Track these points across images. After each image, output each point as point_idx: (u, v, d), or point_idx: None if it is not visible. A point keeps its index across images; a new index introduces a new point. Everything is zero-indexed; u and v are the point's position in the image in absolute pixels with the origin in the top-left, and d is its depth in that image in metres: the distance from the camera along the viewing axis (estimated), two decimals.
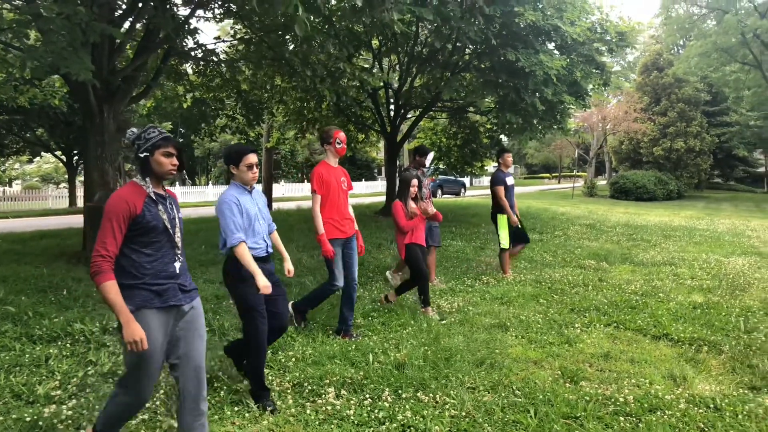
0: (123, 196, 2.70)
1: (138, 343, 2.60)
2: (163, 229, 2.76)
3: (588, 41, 12.22)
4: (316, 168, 5.17)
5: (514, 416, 3.59)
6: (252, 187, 3.84)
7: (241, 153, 3.70)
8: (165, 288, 2.76)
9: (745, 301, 6.94)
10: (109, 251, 2.63)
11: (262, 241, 3.79)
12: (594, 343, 5.23)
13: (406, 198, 6.04)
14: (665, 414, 3.65)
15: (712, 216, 19.79)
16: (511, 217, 7.85)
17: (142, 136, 2.80)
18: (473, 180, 51.54)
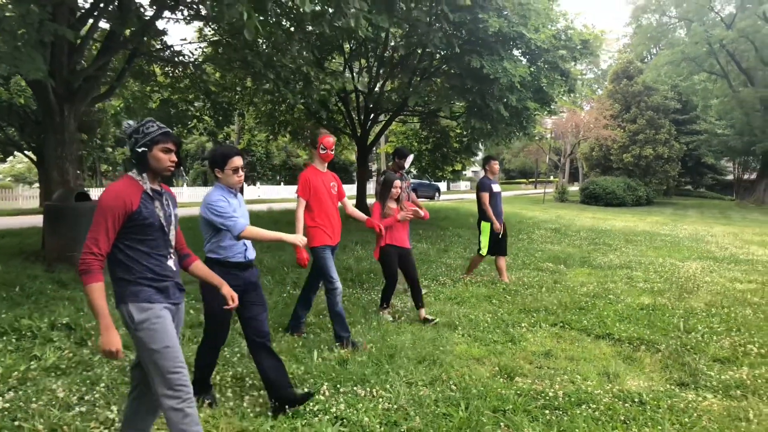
0: (119, 191, 2.59)
1: (113, 354, 2.51)
2: (158, 226, 2.67)
3: (552, 48, 12.47)
4: (304, 173, 5.09)
5: (445, 409, 3.71)
6: (237, 191, 3.68)
7: (226, 156, 3.54)
8: (165, 286, 2.70)
9: (691, 303, 7.17)
10: (101, 249, 2.52)
11: (242, 245, 3.64)
12: (537, 342, 5.39)
13: (386, 199, 5.95)
14: (590, 407, 3.80)
15: (676, 222, 20.23)
16: (494, 224, 7.82)
17: (141, 130, 2.68)
18: (450, 185, 51.93)
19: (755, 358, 5.06)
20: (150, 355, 2.62)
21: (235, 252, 3.60)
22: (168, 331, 2.65)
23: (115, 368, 4.17)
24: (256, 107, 15.41)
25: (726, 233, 16.27)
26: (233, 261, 3.59)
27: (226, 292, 3.09)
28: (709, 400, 4.10)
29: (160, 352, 2.61)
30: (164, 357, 2.61)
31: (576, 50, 13.00)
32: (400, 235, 5.97)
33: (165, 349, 2.61)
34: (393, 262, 5.92)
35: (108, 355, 2.52)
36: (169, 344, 2.63)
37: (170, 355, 2.63)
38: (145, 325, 2.60)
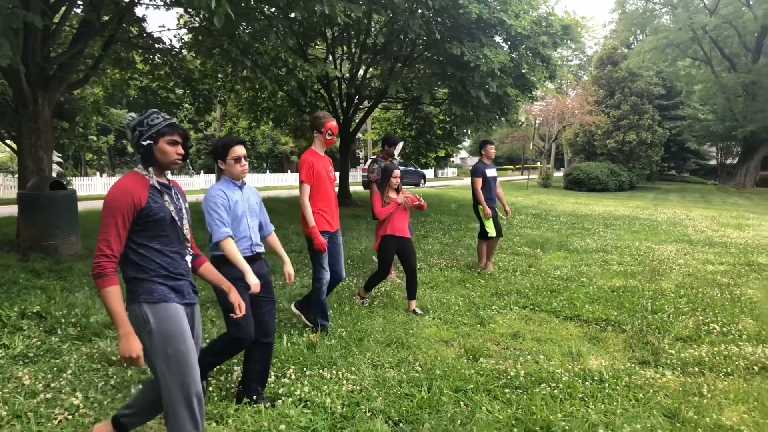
0: (126, 188, 2.46)
1: (135, 361, 2.37)
2: (170, 221, 2.54)
3: (533, 34, 12.50)
4: (306, 156, 4.88)
5: (408, 390, 3.79)
6: (243, 182, 3.58)
7: (227, 146, 3.45)
8: (181, 284, 2.58)
9: (661, 284, 7.30)
10: (113, 250, 2.39)
11: (246, 241, 3.53)
12: (506, 324, 5.48)
13: (386, 189, 5.89)
14: (550, 386, 3.90)
15: (657, 206, 20.44)
16: (485, 208, 7.74)
17: (145, 122, 2.56)
18: (437, 171, 51.98)
19: (717, 337, 5.19)
20: (164, 358, 2.47)
21: (243, 248, 3.49)
22: (184, 332, 2.52)
23: (83, 356, 4.21)
24: (237, 94, 15.35)
25: (704, 217, 16.48)
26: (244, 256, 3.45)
27: (234, 299, 2.90)
28: (668, 377, 4.21)
29: (174, 356, 2.47)
30: (180, 361, 2.48)
31: (557, 36, 13.03)
32: (401, 225, 5.89)
33: (179, 353, 2.48)
34: (390, 255, 5.84)
35: (129, 362, 2.37)
36: (183, 347, 2.49)
37: (185, 359, 2.49)
38: (162, 326, 2.47)
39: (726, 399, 3.83)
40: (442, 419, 3.40)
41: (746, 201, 26.04)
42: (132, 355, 2.36)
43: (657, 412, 3.58)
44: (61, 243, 7.74)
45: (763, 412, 3.63)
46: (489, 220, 7.80)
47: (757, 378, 4.22)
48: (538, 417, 3.41)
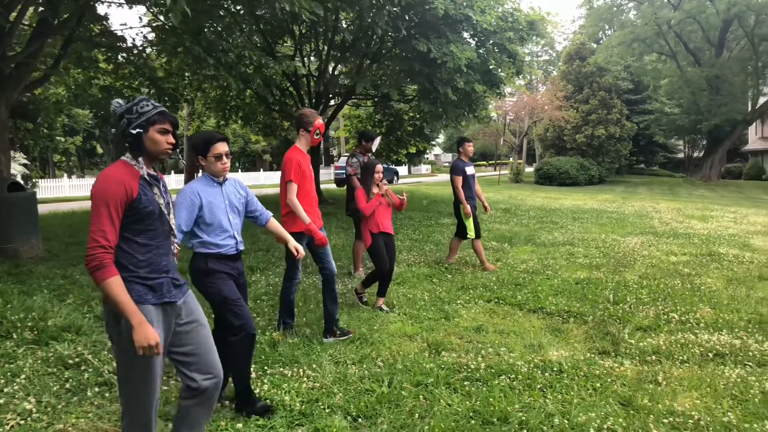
0: (118, 177, 2.34)
1: (152, 348, 2.28)
2: (159, 214, 2.45)
3: (500, 30, 12.59)
4: (292, 155, 4.70)
5: (369, 385, 3.80)
6: (224, 179, 3.45)
7: (208, 142, 3.32)
8: (159, 282, 2.45)
9: (625, 276, 7.42)
10: (109, 241, 2.28)
11: (230, 239, 3.43)
12: (470, 318, 5.53)
13: (369, 185, 5.80)
14: (509, 378, 3.94)
15: (626, 199, 20.76)
16: (465, 207, 7.64)
17: (134, 110, 2.44)
18: (411, 168, 52.08)
19: (675, 326, 5.29)
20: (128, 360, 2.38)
21: (227, 246, 3.43)
22: None
23: (38, 360, 4.13)
24: (204, 93, 15.20)
25: (670, 209, 16.78)
26: (226, 254, 3.42)
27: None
28: (626, 366, 4.28)
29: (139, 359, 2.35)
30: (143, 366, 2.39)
31: (523, 32, 13.15)
32: (386, 221, 5.86)
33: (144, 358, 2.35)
34: (382, 249, 5.76)
35: (148, 351, 2.27)
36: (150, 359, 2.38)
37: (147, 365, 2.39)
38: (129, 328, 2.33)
39: (680, 386, 3.91)
40: (401, 413, 3.42)
41: (711, 193, 26.59)
42: (150, 343, 2.27)
43: (613, 400, 3.64)
44: (20, 246, 7.58)
45: (714, 397, 3.72)
46: (469, 220, 7.71)
47: (711, 364, 4.31)
48: (496, 408, 3.44)
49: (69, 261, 7.57)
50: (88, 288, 6.14)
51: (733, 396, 3.74)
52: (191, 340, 2.59)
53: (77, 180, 28.93)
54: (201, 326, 2.66)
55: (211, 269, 3.38)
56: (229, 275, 3.43)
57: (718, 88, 30.97)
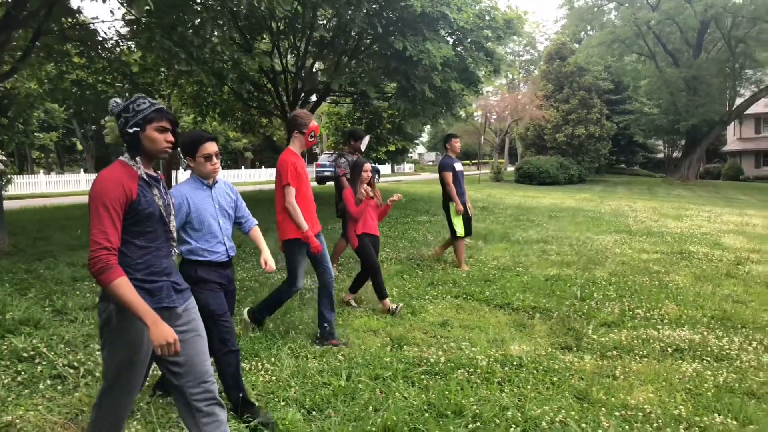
0: (117, 178, 2.27)
1: (171, 346, 2.20)
2: (159, 216, 2.38)
3: (476, 28, 12.62)
4: (288, 158, 4.52)
5: (327, 379, 3.78)
6: (214, 182, 3.33)
7: (196, 142, 3.18)
8: (158, 286, 2.38)
9: (595, 273, 7.47)
10: (112, 242, 2.19)
11: (220, 246, 3.31)
12: (437, 313, 5.54)
13: (357, 185, 5.66)
14: (468, 371, 3.94)
15: (604, 198, 20.92)
16: (457, 204, 7.52)
17: (131, 108, 2.36)
18: (394, 167, 52.13)
19: (639, 321, 5.34)
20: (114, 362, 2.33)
21: (218, 252, 3.32)
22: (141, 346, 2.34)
23: None
24: (181, 89, 15.05)
25: (647, 208, 16.95)
26: (217, 261, 3.32)
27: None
28: (586, 360, 4.31)
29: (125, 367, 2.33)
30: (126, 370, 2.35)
31: (500, 30, 13.18)
32: (373, 223, 5.76)
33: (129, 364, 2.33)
34: (370, 250, 5.63)
35: (166, 349, 2.19)
36: (133, 360, 2.34)
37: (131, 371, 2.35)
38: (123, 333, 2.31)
39: (637, 380, 3.94)
40: (356, 406, 3.40)
41: (689, 193, 26.90)
42: (169, 341, 2.19)
43: (569, 394, 3.67)
44: None
45: (669, 390, 3.76)
46: (459, 218, 7.58)
47: (669, 359, 4.36)
48: (452, 401, 3.45)
49: (35, 255, 7.47)
50: (51, 282, 6.07)
51: (687, 390, 3.78)
52: (185, 351, 2.45)
53: (55, 176, 28.53)
54: (198, 337, 2.54)
55: (200, 277, 3.26)
56: (219, 284, 3.32)
57: (696, 89, 31.35)
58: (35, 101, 13.81)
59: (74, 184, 27.00)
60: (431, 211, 14.06)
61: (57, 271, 6.57)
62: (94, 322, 4.77)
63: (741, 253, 9.07)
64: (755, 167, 43.43)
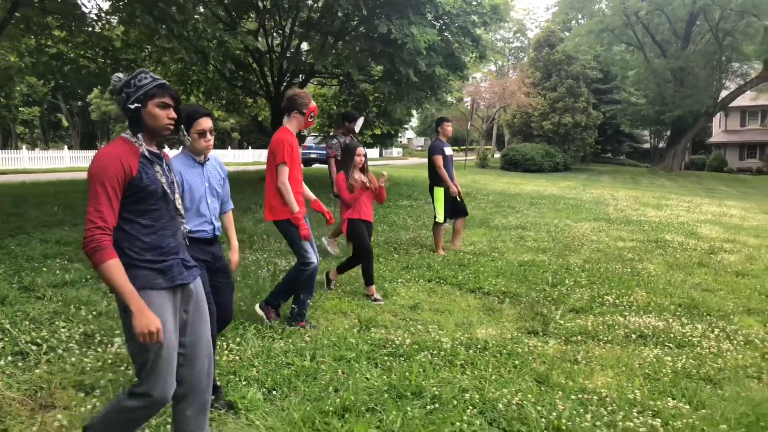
0: (116, 154, 2.22)
1: (153, 335, 2.16)
2: (162, 193, 2.33)
3: (462, 13, 12.57)
4: (283, 136, 4.41)
5: (291, 359, 3.80)
6: (205, 158, 3.27)
7: (191, 116, 3.10)
8: (169, 265, 2.34)
9: (569, 259, 7.54)
10: (107, 222, 2.15)
11: (208, 224, 3.27)
12: (409, 296, 5.57)
13: (350, 169, 5.53)
14: (431, 353, 3.98)
15: (587, 187, 21.04)
16: (450, 187, 7.47)
17: (132, 83, 2.31)
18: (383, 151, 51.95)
19: (608, 308, 5.40)
20: (143, 350, 2.27)
21: (204, 231, 3.26)
22: (167, 325, 2.29)
23: None
24: (164, 66, 14.89)
25: (628, 197, 17.07)
26: (201, 238, 3.23)
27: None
28: (550, 345, 4.37)
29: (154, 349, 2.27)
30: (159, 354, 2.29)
31: (486, 16, 13.14)
32: (368, 209, 5.62)
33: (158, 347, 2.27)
34: (365, 236, 5.52)
35: (149, 337, 2.15)
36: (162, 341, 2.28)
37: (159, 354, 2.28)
38: None
39: (599, 365, 4.00)
40: (317, 386, 3.43)
41: (672, 183, 27.14)
42: (152, 329, 2.15)
43: (529, 377, 3.71)
44: None
45: (628, 375, 3.82)
46: (440, 203, 7.54)
47: (632, 345, 4.42)
48: (412, 383, 3.48)
49: (8, 231, 7.39)
50: (22, 259, 6.02)
51: (646, 375, 3.84)
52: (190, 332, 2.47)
53: (39, 152, 28.14)
54: (205, 322, 2.55)
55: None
56: (203, 261, 3.21)
57: (683, 80, 31.50)
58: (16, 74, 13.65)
59: (57, 160, 26.65)
60: (413, 196, 14.08)
61: (29, 248, 6.52)
62: (62, 299, 4.76)
63: (715, 243, 9.18)
64: (739, 159, 43.84)
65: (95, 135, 48.17)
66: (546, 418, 3.10)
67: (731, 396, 3.53)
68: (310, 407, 3.14)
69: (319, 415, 3.06)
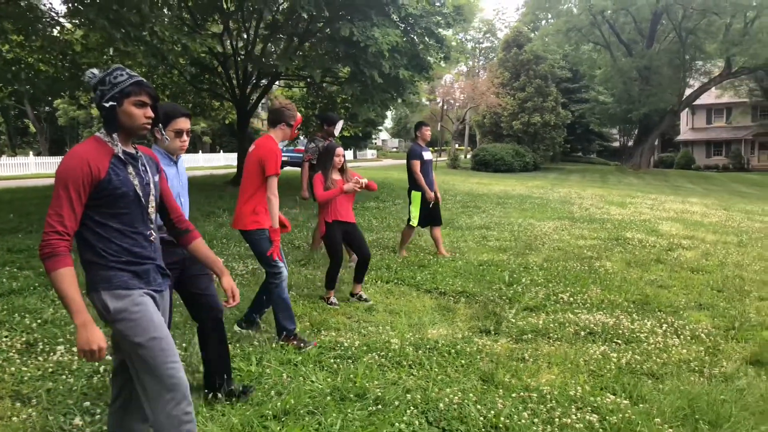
0: (82, 155, 2.13)
1: (95, 353, 2.06)
2: (133, 197, 2.23)
3: (427, 14, 12.63)
4: (272, 146, 4.27)
5: (237, 364, 3.77)
6: (177, 158, 3.23)
7: (169, 115, 3.07)
8: (145, 269, 2.28)
9: (529, 258, 7.61)
10: (66, 227, 2.07)
11: None
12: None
13: (329, 170, 5.39)
14: (379, 354, 3.99)
15: (555, 186, 21.28)
16: (427, 193, 7.39)
17: (107, 80, 2.19)
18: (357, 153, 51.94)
19: (562, 306, 5.46)
20: (135, 350, 2.20)
21: None
22: (153, 319, 2.23)
23: None
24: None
25: (594, 195, 17.30)
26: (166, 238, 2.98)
27: (227, 285, 2.57)
28: (500, 343, 4.40)
29: (146, 346, 2.19)
30: (153, 350, 2.21)
31: (449, 16, 13.22)
32: (345, 210, 5.43)
33: (152, 342, 2.20)
34: (338, 241, 5.41)
35: (88, 355, 2.07)
36: (156, 335, 2.21)
37: (160, 348, 2.22)
38: (124, 315, 2.19)
39: (546, 362, 4.04)
40: (260, 390, 3.41)
41: (639, 181, 27.59)
42: (92, 347, 2.05)
43: (474, 376, 3.74)
44: None
45: (573, 372, 3.87)
46: (416, 207, 7.48)
47: (580, 342, 4.48)
48: (357, 384, 3.48)
49: None
50: None
51: (590, 371, 3.89)
52: None
53: (10, 159, 27.50)
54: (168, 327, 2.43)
55: None
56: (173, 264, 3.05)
57: (648, 79, 32.06)
58: None
59: (23, 167, 26.15)
60: (381, 197, 14.07)
61: None
62: (7, 308, 4.68)
63: (674, 240, 9.34)
64: (706, 157, 44.73)
65: (64, 141, 47.28)
66: (485, 417, 3.13)
67: (670, 390, 3.59)
68: (250, 412, 3.12)
69: (258, 419, 3.05)
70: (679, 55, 32.14)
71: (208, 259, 2.57)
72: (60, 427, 2.97)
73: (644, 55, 31.94)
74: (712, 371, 3.97)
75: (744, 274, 7.07)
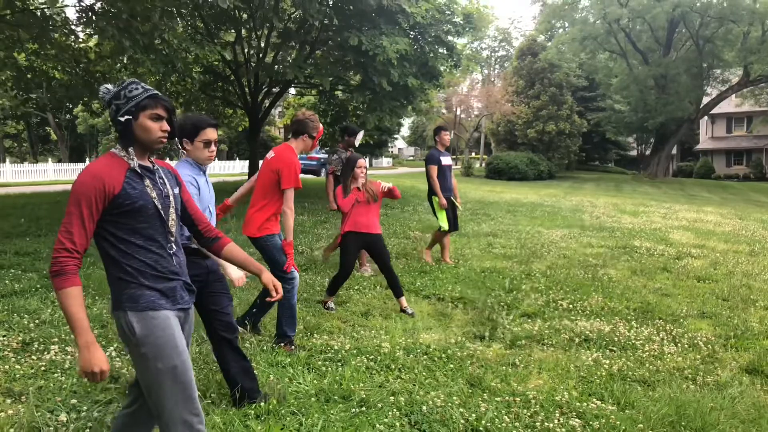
0: (97, 172, 2.09)
1: (96, 375, 2.03)
2: (153, 209, 2.17)
3: (436, 22, 12.66)
4: (293, 158, 4.25)
5: None
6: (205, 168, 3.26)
7: (198, 126, 3.11)
8: (172, 287, 2.23)
9: (533, 266, 7.57)
10: (76, 244, 2.03)
11: None
12: (362, 303, 5.59)
13: (348, 181, 5.40)
14: (368, 358, 3.99)
15: (568, 194, 21.14)
16: (440, 199, 7.35)
17: (122, 94, 2.17)
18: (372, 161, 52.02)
19: (560, 312, 5.43)
20: (157, 375, 2.15)
21: None
22: (178, 345, 2.18)
23: None
24: (140, 78, 14.91)
25: (608, 204, 17.16)
26: (193, 247, 3.07)
27: (267, 280, 2.52)
28: (493, 349, 4.39)
29: (170, 373, 2.15)
30: (176, 377, 2.16)
31: (459, 25, 13.25)
32: (365, 220, 5.36)
33: (173, 370, 2.15)
34: (351, 251, 5.37)
35: (90, 377, 2.03)
36: (176, 363, 2.16)
37: (180, 375, 2.17)
38: (150, 339, 2.13)
39: (537, 368, 4.02)
40: None
41: (655, 189, 27.30)
42: (94, 370, 2.01)
43: (462, 380, 3.73)
44: None
45: (562, 378, 3.84)
46: (442, 212, 7.46)
47: (574, 348, 4.45)
48: (343, 386, 3.49)
49: None
50: None
51: (581, 377, 3.87)
52: None
53: (22, 166, 28.02)
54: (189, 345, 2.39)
55: None
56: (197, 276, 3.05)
57: (665, 87, 31.76)
58: None
59: (41, 174, 26.60)
60: (390, 204, 14.08)
61: None
62: (8, 308, 4.75)
63: (684, 249, 9.24)
64: (726, 166, 44.20)
65: (84, 148, 47.99)
66: (467, 420, 3.12)
67: (660, 397, 3.55)
68: (233, 411, 3.15)
69: (240, 418, 3.07)
70: (697, 63, 31.83)
71: (246, 261, 2.52)
72: (45, 423, 3.01)
73: (661, 64, 31.66)
74: (705, 379, 3.93)
75: (752, 284, 6.96)
